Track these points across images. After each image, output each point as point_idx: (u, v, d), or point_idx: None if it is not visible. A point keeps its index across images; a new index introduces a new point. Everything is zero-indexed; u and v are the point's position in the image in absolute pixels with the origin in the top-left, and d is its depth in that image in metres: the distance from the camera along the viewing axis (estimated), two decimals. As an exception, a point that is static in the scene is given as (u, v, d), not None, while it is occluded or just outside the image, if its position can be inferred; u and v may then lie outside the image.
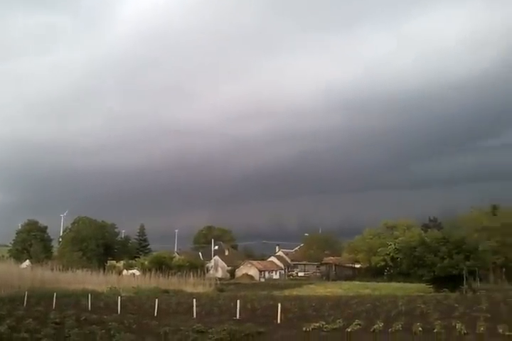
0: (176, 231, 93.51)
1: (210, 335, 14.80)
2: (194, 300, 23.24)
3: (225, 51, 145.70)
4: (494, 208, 67.61)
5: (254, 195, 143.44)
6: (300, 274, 79.25)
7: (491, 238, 59.24)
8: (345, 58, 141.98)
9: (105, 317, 20.33)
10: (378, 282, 61.08)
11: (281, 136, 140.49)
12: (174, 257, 70.86)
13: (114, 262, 77.92)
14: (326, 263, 79.46)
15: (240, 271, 79.37)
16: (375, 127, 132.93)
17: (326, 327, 17.38)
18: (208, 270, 73.39)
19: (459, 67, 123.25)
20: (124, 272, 67.42)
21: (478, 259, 41.72)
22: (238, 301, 21.93)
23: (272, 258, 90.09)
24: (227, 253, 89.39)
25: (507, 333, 14.65)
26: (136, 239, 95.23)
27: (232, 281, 66.26)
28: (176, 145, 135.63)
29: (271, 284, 58.63)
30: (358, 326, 17.52)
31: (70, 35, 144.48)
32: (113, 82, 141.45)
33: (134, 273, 62.24)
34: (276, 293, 41.39)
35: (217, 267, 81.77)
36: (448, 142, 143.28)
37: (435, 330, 16.62)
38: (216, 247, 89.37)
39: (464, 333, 16.03)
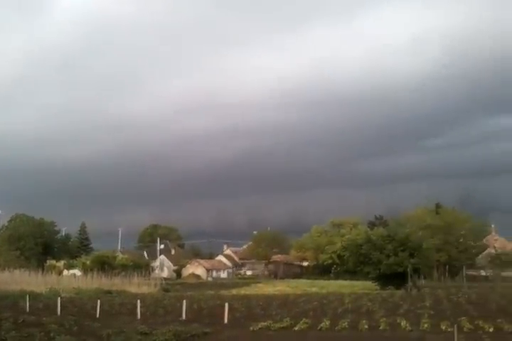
0: (120, 229, 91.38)
1: (154, 337, 14.35)
2: (138, 300, 22.55)
3: (175, 44, 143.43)
4: (437, 207, 69.84)
5: (201, 192, 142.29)
6: (248, 273, 79.30)
7: (434, 236, 61.13)
8: (296, 54, 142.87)
9: (44, 319, 19.47)
10: (325, 280, 61.81)
11: (230, 131, 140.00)
12: (117, 256, 69.16)
13: (53, 262, 75.13)
14: (274, 262, 79.80)
15: (187, 271, 78.46)
16: (322, 124, 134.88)
17: (273, 327, 17.20)
18: (153, 269, 72.08)
19: (405, 66, 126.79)
20: (65, 272, 65.22)
21: (422, 257, 42.75)
22: (184, 301, 21.43)
23: (220, 257, 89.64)
24: (173, 252, 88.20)
25: (449, 329, 14.86)
26: (77, 237, 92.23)
27: (178, 281, 65.31)
28: (120, 140, 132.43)
29: (218, 283, 58.22)
30: (306, 324, 17.45)
31: (7, 23, 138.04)
32: (53, 73, 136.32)
33: (74, 274, 60.31)
34: (224, 292, 41.03)
35: (163, 266, 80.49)
36: (393, 141, 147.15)
37: (380, 328, 16.76)
38: (162, 246, 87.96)
39: (409, 330, 16.23)
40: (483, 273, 61.44)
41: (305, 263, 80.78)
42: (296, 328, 16.93)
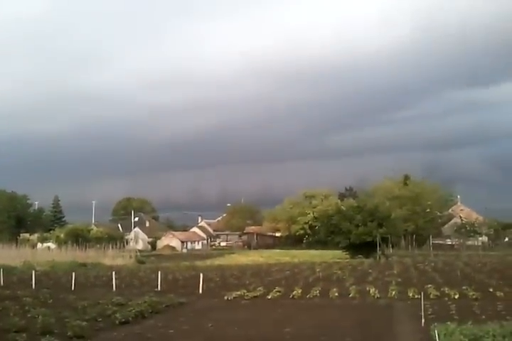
0: (94, 202, 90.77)
1: (130, 308, 14.58)
2: (113, 272, 22.78)
3: (140, 16, 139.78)
4: (405, 178, 71.31)
5: (174, 164, 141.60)
6: (222, 244, 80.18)
7: (402, 206, 62.75)
8: (266, 28, 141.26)
9: (19, 292, 19.60)
10: (298, 250, 63.06)
11: (200, 105, 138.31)
12: (92, 229, 68.91)
13: (27, 235, 74.56)
14: (248, 233, 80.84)
15: (162, 243, 78.88)
16: (292, 98, 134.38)
17: (247, 296, 17.70)
18: (127, 242, 72.23)
19: (374, 41, 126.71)
20: (39, 245, 64.74)
21: (390, 227, 44.00)
22: (159, 272, 21.78)
23: (195, 229, 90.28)
24: (147, 224, 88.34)
25: (416, 296, 15.58)
26: (50, 211, 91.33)
27: (153, 253, 65.69)
28: (91, 113, 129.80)
29: (193, 255, 58.80)
30: (278, 293, 18.01)
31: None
32: (23, 47, 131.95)
33: (49, 247, 59.98)
34: (199, 263, 41.58)
35: (138, 239, 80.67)
36: (362, 113, 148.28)
37: (350, 295, 17.43)
38: (136, 219, 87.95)
39: (377, 297, 16.93)
40: (448, 241, 63.60)
41: (278, 234, 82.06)
42: (269, 297, 17.47)
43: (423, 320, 11.78)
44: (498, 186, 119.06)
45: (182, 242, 79.00)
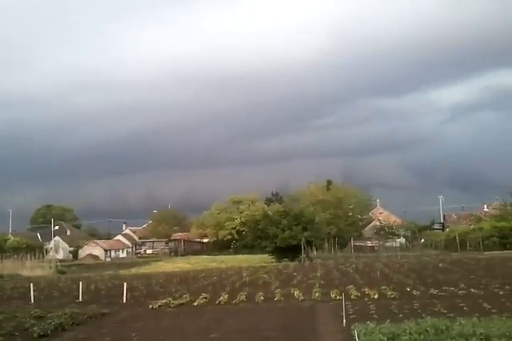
0: (10, 211, 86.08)
1: (49, 320, 13.97)
2: (31, 284, 21.72)
3: (63, 18, 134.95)
4: (328, 183, 73.62)
5: (97, 170, 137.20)
6: (148, 252, 78.59)
7: (325, 210, 64.69)
8: (191, 34, 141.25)
9: None
10: (225, 255, 63.09)
11: (124, 109, 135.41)
12: (8, 239, 65.39)
13: None
14: (175, 240, 79.81)
15: (84, 252, 76.14)
16: (219, 103, 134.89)
17: (172, 303, 17.49)
18: (47, 252, 69.03)
19: (295, 49, 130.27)
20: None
21: (314, 230, 45.11)
22: (81, 283, 21.05)
23: (119, 237, 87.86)
24: (69, 233, 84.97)
25: (338, 297, 16.07)
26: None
27: (75, 262, 63.23)
28: (8, 118, 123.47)
29: (117, 263, 57.19)
30: (204, 299, 17.95)
31: None
32: None
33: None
34: (123, 271, 40.49)
35: (58, 248, 77.27)
36: (286, 120, 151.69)
37: (275, 299, 17.70)
38: (57, 227, 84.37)
39: (301, 300, 17.31)
40: (369, 243, 66.21)
41: (205, 240, 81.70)
42: (195, 303, 17.37)
43: (344, 321, 12.18)
44: (414, 190, 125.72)
45: (105, 251, 76.63)
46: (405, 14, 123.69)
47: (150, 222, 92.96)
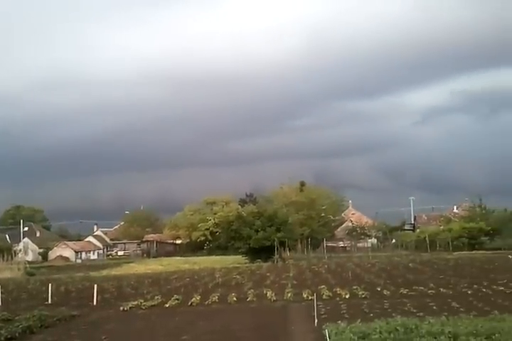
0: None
1: (17, 323, 13.68)
2: (-1, 286, 21.24)
3: (34, 16, 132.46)
4: (302, 184, 74.04)
5: (68, 170, 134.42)
6: (120, 253, 77.57)
7: (298, 211, 65.04)
8: (166, 34, 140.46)
9: None
10: (198, 256, 62.77)
11: (95, 108, 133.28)
12: (-25, 241, 63.80)
13: None
14: (147, 241, 79.04)
15: (54, 253, 74.70)
16: (193, 103, 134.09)
17: (144, 305, 17.33)
18: (16, 253, 67.54)
19: (271, 51, 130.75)
20: None
21: (288, 231, 45.31)
22: (50, 285, 20.66)
23: (90, 238, 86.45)
24: (38, 234, 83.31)
25: (311, 297, 16.17)
26: None
27: (44, 264, 62.03)
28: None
29: (88, 265, 56.32)
30: (177, 301, 17.83)
31: None
32: None
33: None
34: (94, 273, 39.89)
35: (28, 250, 75.69)
36: (262, 121, 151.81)
37: (248, 299, 17.71)
38: (26, 228, 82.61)
39: (274, 300, 17.36)
40: (341, 244, 66.86)
41: (178, 241, 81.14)
42: (167, 305, 17.24)
43: (316, 320, 12.26)
44: (386, 192, 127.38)
45: (76, 252, 75.40)
46: (380, 18, 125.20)
47: (122, 223, 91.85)
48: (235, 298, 17.78)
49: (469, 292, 17.06)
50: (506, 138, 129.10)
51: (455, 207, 79.13)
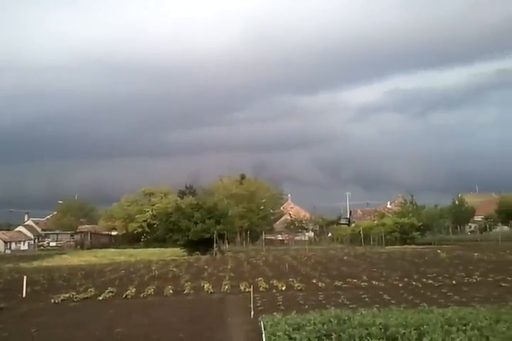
0: None
1: None
2: None
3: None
4: (242, 177, 74.34)
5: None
6: (52, 244, 74.96)
7: (238, 204, 65.26)
8: (106, 20, 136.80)
9: None
10: (135, 248, 61.69)
11: (34, 94, 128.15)
12: None
13: None
14: (81, 232, 76.81)
15: (-19, 243, 71.31)
16: (131, 92, 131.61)
17: (76, 297, 16.82)
18: None
19: (213, 42, 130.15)
20: None
21: (227, 224, 45.32)
22: (-25, 276, 19.66)
23: (20, 228, 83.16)
24: (-36, 223, 79.29)
25: (247, 290, 16.25)
26: None
27: (-30, 255, 59.08)
28: None
29: (18, 256, 54.10)
30: (111, 293, 17.43)
31: None
32: None
33: None
34: (24, 265, 38.37)
35: (-48, 239, 71.87)
36: (202, 113, 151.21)
37: (185, 292, 17.56)
38: (-50, 217, 78.39)
39: (211, 292, 17.32)
40: (279, 237, 67.75)
41: (114, 233, 79.39)
42: (100, 298, 16.81)
43: (252, 312, 12.32)
44: (323, 186, 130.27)
45: (5, 242, 72.25)
46: (320, 15, 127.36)
47: (55, 212, 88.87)
48: (171, 291, 17.59)
49: (400, 285, 17.69)
50: (438, 137, 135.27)
51: (388, 203, 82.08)
